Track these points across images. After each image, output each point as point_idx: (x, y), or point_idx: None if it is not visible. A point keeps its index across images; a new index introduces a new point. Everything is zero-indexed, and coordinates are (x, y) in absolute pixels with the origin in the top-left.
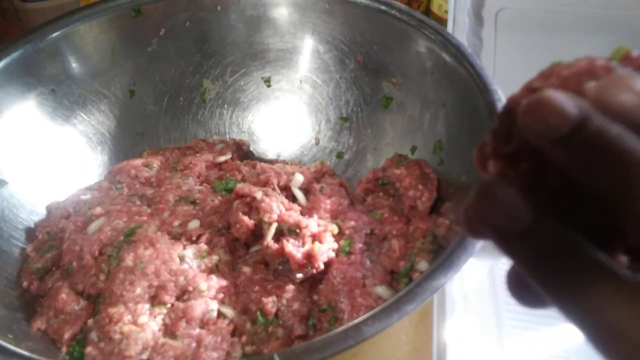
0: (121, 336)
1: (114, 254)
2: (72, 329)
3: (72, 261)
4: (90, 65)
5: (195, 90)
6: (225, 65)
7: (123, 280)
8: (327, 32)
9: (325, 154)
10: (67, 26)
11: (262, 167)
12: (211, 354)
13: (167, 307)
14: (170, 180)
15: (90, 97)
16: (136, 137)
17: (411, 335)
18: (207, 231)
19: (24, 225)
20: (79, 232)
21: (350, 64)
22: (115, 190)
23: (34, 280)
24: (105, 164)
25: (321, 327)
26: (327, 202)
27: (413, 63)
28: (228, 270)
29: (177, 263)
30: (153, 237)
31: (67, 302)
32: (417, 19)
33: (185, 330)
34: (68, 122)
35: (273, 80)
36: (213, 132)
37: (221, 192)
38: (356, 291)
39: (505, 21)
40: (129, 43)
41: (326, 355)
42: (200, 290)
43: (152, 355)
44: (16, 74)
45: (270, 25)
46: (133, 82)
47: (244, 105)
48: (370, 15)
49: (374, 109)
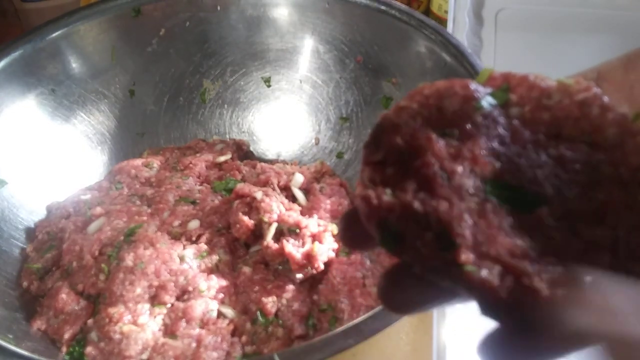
0: (121, 336)
1: (114, 254)
2: (72, 329)
3: (72, 261)
4: (90, 65)
5: (195, 90)
6: (225, 65)
7: (123, 280)
8: (327, 32)
9: (325, 154)
10: (67, 26)
11: (262, 167)
12: (211, 354)
13: (167, 307)
14: (170, 180)
15: (90, 97)
16: (136, 137)
17: (411, 335)
18: (207, 231)
19: (24, 225)
20: (79, 232)
21: (350, 64)
22: (115, 190)
23: (34, 280)
24: (105, 164)
25: (321, 327)
26: (327, 202)
27: (413, 63)
28: (228, 270)
29: (177, 263)
30: (153, 237)
31: (67, 302)
32: (417, 19)
33: (185, 330)
34: (68, 122)
35: (273, 80)
36: (213, 132)
37: (221, 192)
38: (356, 291)
39: (505, 21)
40: (129, 43)
41: (326, 355)
42: (200, 290)
43: (152, 355)
44: (16, 74)
45: (270, 25)
46: (133, 82)
47: (244, 105)
48: (370, 15)
49: (374, 109)
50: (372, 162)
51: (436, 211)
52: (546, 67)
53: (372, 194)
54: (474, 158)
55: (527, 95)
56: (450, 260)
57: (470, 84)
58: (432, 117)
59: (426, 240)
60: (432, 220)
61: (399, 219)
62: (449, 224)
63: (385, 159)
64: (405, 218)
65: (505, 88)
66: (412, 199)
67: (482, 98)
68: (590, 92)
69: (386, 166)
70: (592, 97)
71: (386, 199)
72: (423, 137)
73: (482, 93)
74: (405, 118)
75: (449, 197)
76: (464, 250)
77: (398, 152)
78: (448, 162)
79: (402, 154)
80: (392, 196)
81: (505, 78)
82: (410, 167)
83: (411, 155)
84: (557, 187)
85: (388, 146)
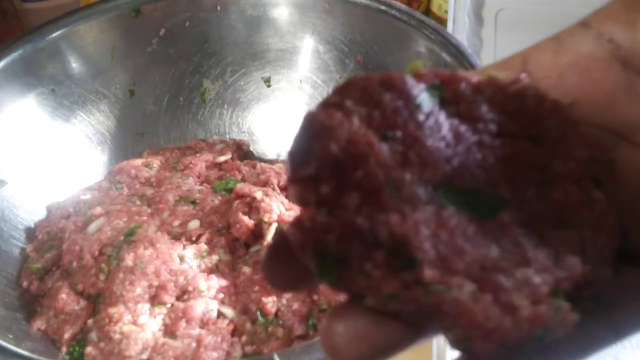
0: (121, 336)
1: (114, 254)
2: (72, 329)
3: (72, 261)
4: (90, 65)
5: (195, 90)
6: (225, 65)
7: (123, 280)
8: (327, 32)
9: None
10: (67, 26)
11: (262, 167)
12: (211, 354)
13: (167, 307)
14: (170, 180)
15: (90, 97)
16: (136, 137)
17: None
18: (207, 231)
19: (24, 225)
20: (79, 232)
21: (350, 64)
22: (115, 190)
23: (34, 280)
24: (105, 164)
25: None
26: None
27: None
28: (228, 270)
29: (177, 263)
30: (153, 237)
31: (67, 302)
32: (417, 19)
33: (185, 330)
34: (68, 122)
35: (273, 80)
36: (213, 132)
37: (221, 192)
38: None
39: (505, 21)
40: (129, 43)
41: (326, 355)
42: (200, 290)
43: (152, 355)
44: (16, 74)
45: (270, 25)
46: (133, 82)
47: (244, 105)
48: (370, 15)
49: None
50: (302, 178)
51: (387, 224)
52: None
53: (304, 215)
54: (423, 163)
55: (459, 92)
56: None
57: (407, 78)
58: (370, 116)
59: (377, 261)
60: (382, 236)
61: (339, 240)
62: (404, 237)
63: (318, 172)
64: (348, 238)
65: (437, 85)
66: (354, 215)
67: (420, 94)
68: (522, 83)
69: (320, 182)
70: (525, 89)
71: (321, 219)
72: (363, 142)
73: (419, 89)
74: (338, 119)
75: (400, 209)
76: (427, 266)
77: (333, 162)
78: (395, 171)
79: (337, 164)
80: (328, 215)
81: (435, 74)
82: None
83: (349, 164)
84: (512, 188)
85: (320, 156)
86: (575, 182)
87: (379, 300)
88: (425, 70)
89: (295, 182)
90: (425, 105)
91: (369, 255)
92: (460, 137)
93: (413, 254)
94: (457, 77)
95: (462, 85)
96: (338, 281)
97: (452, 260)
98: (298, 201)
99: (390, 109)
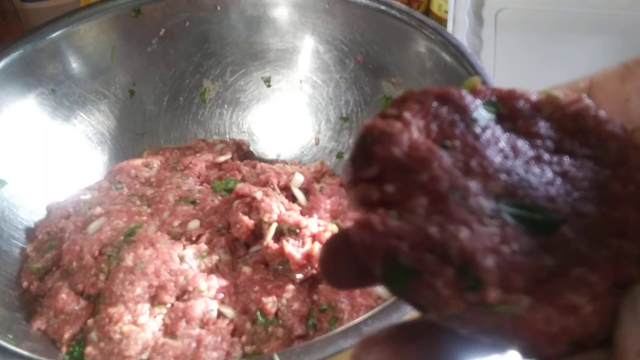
0: (121, 336)
1: (114, 254)
2: (72, 329)
3: (72, 261)
4: (90, 65)
5: (195, 90)
6: (225, 65)
7: (123, 280)
8: (327, 32)
9: (325, 154)
10: (67, 26)
11: (262, 167)
12: (211, 354)
13: (167, 307)
14: (170, 180)
15: (90, 97)
16: (136, 137)
17: None
18: (207, 231)
19: (24, 225)
20: (79, 232)
21: (350, 64)
22: (115, 190)
23: (34, 280)
24: (105, 164)
25: (321, 327)
26: (327, 202)
27: (413, 63)
28: (228, 270)
29: (177, 263)
30: (153, 237)
31: (67, 302)
32: (417, 19)
33: (185, 330)
34: (68, 122)
35: (273, 80)
36: (213, 132)
37: (221, 192)
38: (356, 291)
39: (505, 21)
40: (129, 43)
41: (326, 355)
42: (200, 290)
43: (152, 355)
44: (16, 74)
45: (270, 25)
46: (133, 82)
47: (244, 105)
48: (370, 15)
49: (374, 108)
50: (364, 179)
51: (456, 239)
52: (546, 67)
53: (374, 218)
54: (485, 173)
55: (517, 108)
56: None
57: (465, 93)
58: (428, 127)
59: (447, 279)
60: (452, 252)
61: (411, 250)
62: (472, 256)
63: (381, 174)
64: (420, 248)
65: (494, 101)
66: (425, 222)
67: (476, 109)
68: (582, 103)
69: (384, 182)
70: (585, 109)
71: (394, 224)
72: (424, 148)
73: (476, 104)
74: (398, 127)
75: (467, 222)
76: (491, 288)
77: (396, 165)
78: (459, 179)
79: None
80: (400, 219)
81: (492, 90)
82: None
83: (413, 167)
84: (571, 204)
85: (383, 159)
86: (634, 206)
87: (442, 317)
88: (482, 86)
89: (356, 184)
90: (481, 119)
91: (440, 272)
92: (518, 152)
93: (480, 275)
94: (514, 94)
95: (520, 102)
96: (405, 291)
97: (513, 278)
98: (359, 203)
99: (447, 121)
